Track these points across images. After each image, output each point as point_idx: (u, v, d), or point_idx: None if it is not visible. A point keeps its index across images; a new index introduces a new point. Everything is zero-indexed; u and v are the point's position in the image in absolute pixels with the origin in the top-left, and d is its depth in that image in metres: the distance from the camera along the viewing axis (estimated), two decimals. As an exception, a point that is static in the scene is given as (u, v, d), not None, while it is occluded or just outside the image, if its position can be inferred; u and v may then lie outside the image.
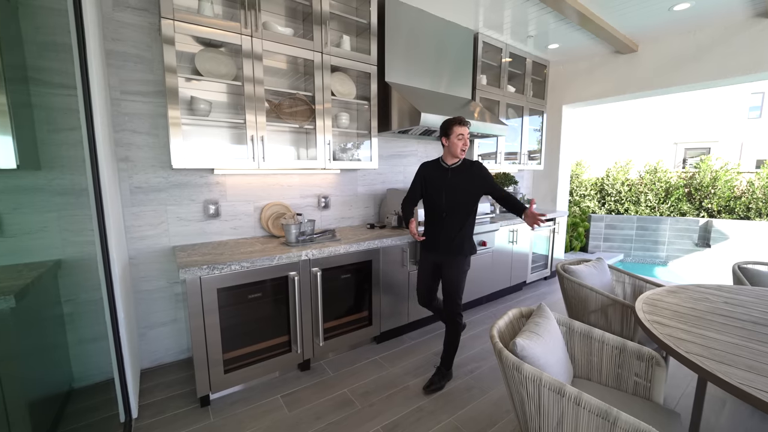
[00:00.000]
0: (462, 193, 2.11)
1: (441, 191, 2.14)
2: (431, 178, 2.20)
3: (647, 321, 1.56)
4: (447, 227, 2.15)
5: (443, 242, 2.16)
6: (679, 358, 1.29)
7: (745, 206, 6.68)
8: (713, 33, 3.40)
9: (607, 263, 2.40)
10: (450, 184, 2.13)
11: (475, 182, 2.12)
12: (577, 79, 4.42)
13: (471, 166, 2.15)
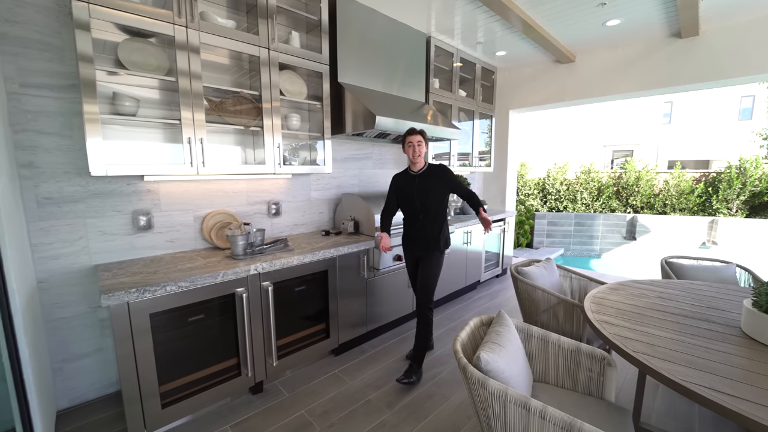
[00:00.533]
0: (431, 195, 2.32)
1: (413, 196, 2.36)
2: (402, 186, 2.42)
3: (596, 321, 1.64)
4: (423, 227, 2.36)
5: (421, 241, 2.37)
6: (629, 358, 1.35)
7: (663, 202, 7.57)
8: (638, 49, 3.75)
9: (555, 263, 2.52)
10: (420, 189, 2.34)
11: (441, 183, 2.33)
12: (523, 86, 4.64)
13: (436, 170, 2.36)
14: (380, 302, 2.84)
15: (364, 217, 2.85)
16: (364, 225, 2.85)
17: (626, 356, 1.36)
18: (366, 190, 3.46)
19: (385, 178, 3.68)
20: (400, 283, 2.98)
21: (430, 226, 2.34)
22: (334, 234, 2.88)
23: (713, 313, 1.75)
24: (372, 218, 2.77)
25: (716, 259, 2.62)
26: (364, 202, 2.84)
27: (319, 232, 2.99)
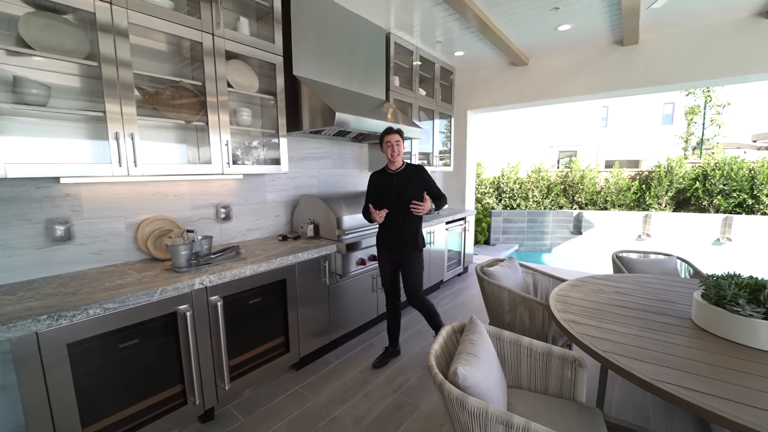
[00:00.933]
0: (409, 194, 2.33)
1: (390, 195, 2.36)
2: (380, 184, 2.43)
3: (564, 321, 1.64)
4: (401, 228, 2.37)
5: (399, 241, 2.38)
6: (599, 358, 1.34)
7: (604, 199, 8.18)
8: (586, 54, 3.95)
9: (517, 262, 2.54)
10: (398, 188, 2.35)
11: (418, 182, 2.36)
12: (480, 87, 4.72)
13: (414, 169, 2.40)
14: (344, 309, 2.69)
15: (324, 220, 2.69)
16: (325, 228, 2.69)
17: (596, 356, 1.36)
18: (326, 191, 3.29)
19: (347, 179, 3.53)
20: (364, 287, 2.85)
21: (409, 225, 2.37)
22: (292, 239, 2.68)
23: (665, 305, 1.83)
24: (333, 221, 2.61)
25: (659, 252, 2.81)
26: (325, 203, 2.68)
27: (276, 237, 2.77)
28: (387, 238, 2.42)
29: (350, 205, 2.84)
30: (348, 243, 2.53)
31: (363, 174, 3.74)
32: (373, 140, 3.45)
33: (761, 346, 1.38)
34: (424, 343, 2.84)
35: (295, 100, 2.57)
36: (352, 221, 2.74)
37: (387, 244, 2.42)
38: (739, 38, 3.23)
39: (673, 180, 7.60)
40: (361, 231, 2.80)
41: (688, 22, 3.31)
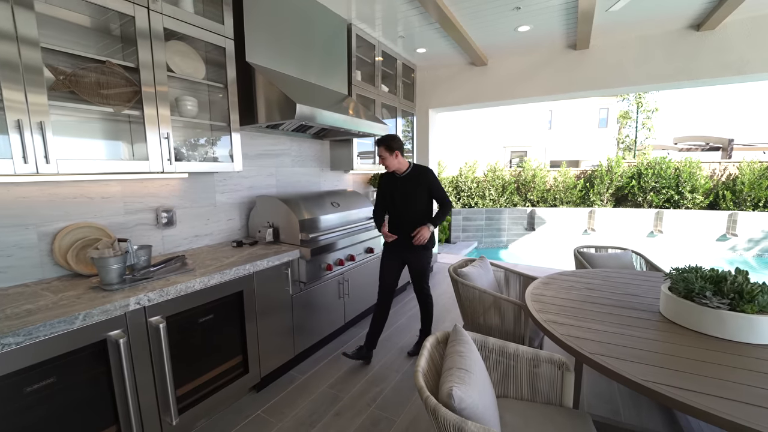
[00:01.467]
0: (413, 196, 2.38)
1: (395, 198, 2.42)
2: (387, 187, 2.47)
3: (544, 322, 1.59)
4: (407, 228, 2.39)
5: (407, 241, 2.39)
6: (586, 360, 1.30)
7: (553, 196, 8.67)
8: (542, 57, 4.08)
9: (488, 261, 2.50)
10: (402, 191, 2.40)
11: (423, 185, 2.38)
12: (441, 85, 4.71)
13: (418, 171, 2.41)
14: (310, 319, 2.48)
15: (285, 223, 2.45)
16: (286, 232, 2.45)
17: (583, 359, 1.31)
18: (286, 191, 3.04)
19: (308, 178, 3.30)
20: (330, 294, 2.66)
21: (413, 226, 2.37)
22: (249, 244, 2.41)
23: (633, 299, 1.86)
24: (295, 224, 2.39)
25: (616, 246, 2.94)
26: (285, 205, 2.44)
27: (229, 243, 2.48)
28: (398, 241, 2.44)
29: (313, 206, 2.63)
30: (313, 248, 2.33)
31: (325, 173, 3.53)
32: (335, 137, 3.26)
33: (728, 336, 1.43)
34: (396, 347, 2.71)
35: (249, 91, 2.31)
36: (317, 223, 2.54)
37: (397, 245, 2.45)
38: (673, 48, 3.50)
39: (613, 178, 8.25)
40: (327, 234, 2.61)
41: (630, 31, 3.53)
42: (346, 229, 2.80)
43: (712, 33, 3.35)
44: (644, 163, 8.16)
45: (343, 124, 2.59)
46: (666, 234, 7.62)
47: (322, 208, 2.68)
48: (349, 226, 2.81)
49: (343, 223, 2.81)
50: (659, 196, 7.94)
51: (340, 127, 2.58)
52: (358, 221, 3.00)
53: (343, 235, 2.70)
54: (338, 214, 2.79)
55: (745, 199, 7.43)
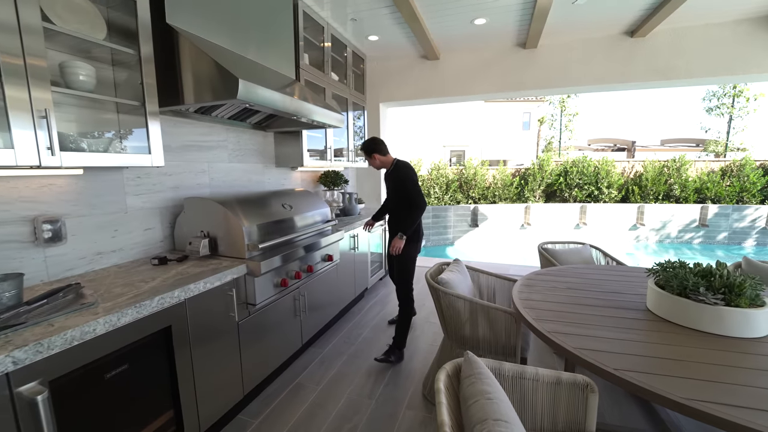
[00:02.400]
0: (393, 191, 2.56)
1: (388, 191, 2.63)
2: (386, 182, 2.64)
3: (549, 333, 1.41)
4: (392, 222, 2.56)
5: (392, 234, 2.51)
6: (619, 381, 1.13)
7: (493, 193, 9.07)
8: (492, 54, 4.06)
9: (464, 264, 2.31)
10: (388, 186, 2.61)
11: (397, 182, 2.49)
12: (392, 79, 4.47)
13: (397, 167, 2.52)
14: (261, 347, 2.03)
15: (224, 232, 1.96)
16: (227, 242, 1.97)
17: (609, 377, 1.15)
18: (222, 191, 2.51)
19: (249, 176, 2.80)
20: (285, 313, 2.23)
21: (395, 219, 2.53)
22: (176, 261, 1.88)
23: (617, 297, 1.81)
24: (239, 232, 1.92)
25: (575, 241, 2.98)
26: (224, 208, 1.96)
27: (149, 260, 1.91)
28: (388, 229, 2.70)
29: (260, 209, 2.18)
30: (264, 261, 1.88)
31: (269, 171, 3.04)
32: (281, 127, 2.81)
33: (725, 332, 1.39)
34: (364, 367, 2.38)
35: (171, 62, 1.79)
36: (267, 230, 2.09)
37: (390, 237, 2.57)
38: (611, 52, 3.72)
39: (544, 176, 8.90)
40: (280, 242, 2.17)
41: (575, 33, 3.66)
42: (301, 235, 2.39)
43: (643, 40, 3.61)
44: (569, 162, 8.93)
45: (296, 110, 2.18)
46: (589, 225, 8.43)
47: (271, 211, 2.23)
48: (305, 232, 2.40)
49: (297, 228, 2.39)
50: (582, 191, 8.76)
51: (291, 113, 2.16)
52: (314, 225, 2.60)
53: (299, 243, 2.29)
54: (291, 217, 2.36)
55: (648, 193, 8.54)
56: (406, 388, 2.18)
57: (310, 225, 2.56)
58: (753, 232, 8.00)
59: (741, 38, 3.39)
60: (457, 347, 1.94)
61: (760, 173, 8.15)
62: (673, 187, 8.39)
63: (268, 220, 2.14)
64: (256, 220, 2.04)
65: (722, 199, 8.25)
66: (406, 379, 2.28)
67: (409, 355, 2.55)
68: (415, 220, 2.36)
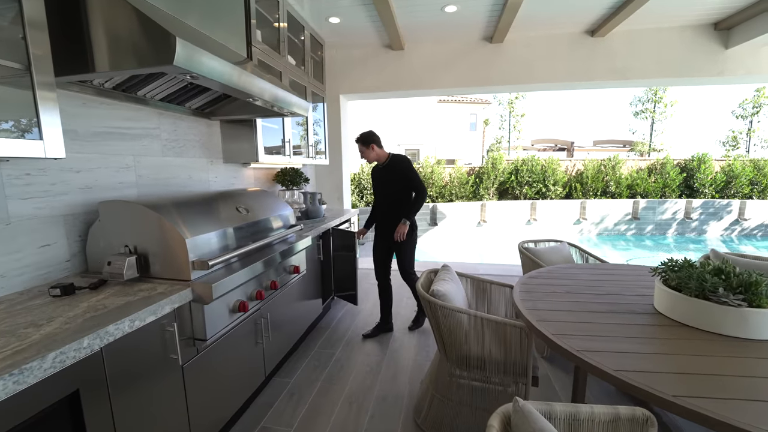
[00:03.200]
0: (393, 185, 2.55)
1: (379, 187, 2.65)
2: (375, 179, 2.68)
3: (578, 352, 1.21)
4: (390, 217, 2.58)
5: (390, 228, 2.58)
6: (682, 411, 0.93)
7: (450, 191, 9.12)
8: (459, 48, 3.90)
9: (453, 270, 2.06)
10: (383, 180, 2.60)
11: (398, 174, 2.52)
12: (353, 69, 4.13)
13: (396, 161, 2.55)
14: (216, 389, 1.59)
15: (159, 246, 1.48)
16: (164, 260, 1.49)
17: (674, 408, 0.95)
18: (155, 192, 1.99)
19: (189, 173, 2.29)
20: (245, 341, 1.80)
21: (396, 214, 2.55)
22: (89, 288, 1.37)
23: (622, 300, 1.69)
24: (181, 245, 1.45)
25: (552, 239, 2.90)
26: (158, 214, 1.48)
27: (46, 290, 1.37)
28: (380, 226, 2.68)
29: (208, 214, 1.72)
30: (216, 282, 1.45)
31: (216, 168, 2.54)
32: (230, 114, 2.34)
33: (749, 335, 1.29)
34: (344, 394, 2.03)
35: (75, 11, 1.28)
36: (218, 241, 1.65)
37: (380, 231, 2.69)
38: (573, 50, 3.75)
39: (498, 174, 9.15)
40: (236, 256, 1.73)
41: (540, 29, 3.64)
42: (262, 245, 1.96)
43: (602, 40, 3.69)
44: (519, 161, 9.29)
45: (254, 90, 1.75)
46: (539, 221, 8.83)
47: (222, 216, 1.78)
48: (266, 240, 1.97)
49: (256, 237, 1.96)
50: (532, 188, 9.16)
51: (246, 92, 1.74)
52: (276, 231, 2.18)
53: (260, 255, 1.87)
54: (248, 223, 1.93)
55: (589, 189, 9.18)
56: (395, 417, 1.88)
57: (272, 232, 2.14)
58: (674, 223, 8.99)
59: (686, 44, 3.60)
60: (457, 368, 1.68)
61: (678, 171, 9.19)
62: (609, 184, 9.13)
63: (220, 228, 1.69)
64: (202, 228, 1.58)
65: (649, 194, 9.15)
66: (393, 405, 1.97)
67: (390, 375, 2.25)
68: (419, 207, 2.57)
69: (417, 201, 2.53)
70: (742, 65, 3.53)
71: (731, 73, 3.55)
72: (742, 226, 8.87)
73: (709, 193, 9.14)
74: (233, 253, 1.61)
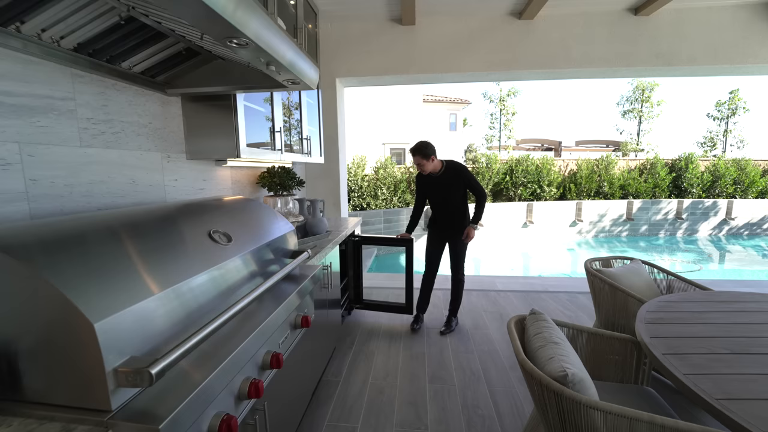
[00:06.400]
0: (452, 190, 2.64)
1: (435, 195, 2.73)
2: (428, 185, 2.73)
3: None
4: (452, 219, 2.70)
5: (451, 228, 2.71)
6: None
7: (442, 194, 8.57)
8: (482, 24, 3.26)
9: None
10: (440, 188, 2.67)
11: (459, 182, 2.63)
12: (352, 48, 3.39)
13: (453, 169, 2.64)
14: None
15: (40, 338, 0.69)
16: (54, 369, 0.69)
17: None
18: (61, 207, 1.17)
19: (133, 173, 1.48)
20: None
21: (454, 214, 2.68)
22: None
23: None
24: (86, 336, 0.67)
25: (622, 257, 2.32)
26: (29, 268, 0.69)
27: None
28: (441, 224, 2.75)
29: (153, 257, 0.94)
30: (167, 419, 0.67)
31: (176, 166, 1.74)
32: (195, 86, 1.56)
33: None
34: None
35: None
36: (172, 312, 0.87)
37: (437, 227, 2.78)
38: (613, 30, 3.21)
39: (492, 175, 8.67)
40: (214, 327, 0.95)
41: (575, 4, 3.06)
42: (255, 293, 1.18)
43: (647, 19, 3.17)
44: (514, 161, 8.87)
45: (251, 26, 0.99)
46: (536, 224, 8.43)
47: (183, 255, 1.00)
48: (261, 287, 1.19)
49: (246, 282, 1.19)
50: (527, 189, 8.76)
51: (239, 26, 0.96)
52: (276, 265, 1.41)
53: (252, 317, 1.10)
54: (232, 261, 1.15)
55: (583, 190, 8.90)
56: None
57: (270, 267, 1.37)
58: (666, 223, 8.89)
59: (740, 25, 3.15)
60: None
61: (667, 171, 9.12)
62: (603, 185, 8.90)
63: (177, 281, 0.91)
64: (138, 290, 0.80)
65: (641, 194, 9.01)
66: None
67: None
68: (484, 209, 2.68)
69: (481, 203, 2.65)
70: (799, 52, 3.12)
71: (787, 60, 3.13)
72: (729, 225, 8.90)
73: (697, 192, 9.13)
74: (203, 331, 0.83)
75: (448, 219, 2.71)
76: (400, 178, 8.30)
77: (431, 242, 2.86)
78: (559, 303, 3.34)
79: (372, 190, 8.06)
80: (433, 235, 2.85)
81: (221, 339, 0.94)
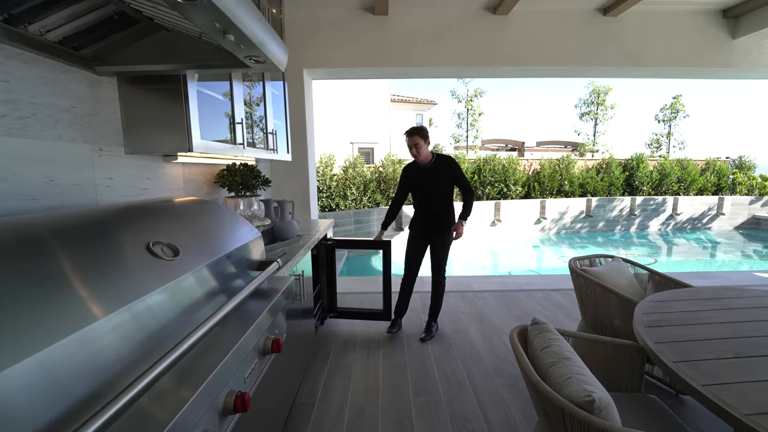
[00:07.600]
0: (439, 184, 2.53)
1: (421, 186, 2.58)
2: (413, 177, 2.61)
3: None
4: (437, 214, 2.58)
5: (435, 224, 2.59)
6: None
7: (413, 193, 8.49)
8: (457, 17, 3.17)
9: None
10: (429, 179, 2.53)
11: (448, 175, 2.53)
12: (320, 36, 3.16)
13: (442, 161, 2.55)
14: None
15: None
16: None
17: None
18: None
19: (51, 172, 1.17)
20: None
21: (440, 210, 2.57)
22: None
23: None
24: None
25: (602, 255, 2.29)
26: None
27: None
28: (425, 222, 2.61)
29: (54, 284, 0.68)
30: None
31: (111, 162, 1.44)
32: (135, 64, 1.28)
33: None
34: None
35: None
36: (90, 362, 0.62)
37: (424, 227, 2.62)
38: (584, 29, 3.24)
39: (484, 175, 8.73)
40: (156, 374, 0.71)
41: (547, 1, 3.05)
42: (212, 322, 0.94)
43: (615, 20, 3.22)
44: (482, 160, 8.99)
45: None
46: (503, 222, 8.60)
47: (100, 278, 0.75)
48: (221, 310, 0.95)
49: (201, 306, 0.95)
50: (494, 188, 8.91)
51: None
52: (239, 279, 1.17)
53: (213, 352, 0.87)
54: (184, 282, 0.91)
55: (546, 188, 9.21)
56: None
57: (233, 283, 1.13)
58: (621, 219, 9.44)
59: (697, 30, 3.29)
60: None
61: (621, 170, 9.69)
62: (564, 183, 9.28)
63: (84, 323, 0.66)
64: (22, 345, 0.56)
65: (598, 192, 9.50)
66: None
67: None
68: (472, 207, 2.60)
69: (471, 200, 2.57)
70: (748, 58, 3.32)
71: (737, 64, 3.33)
72: (675, 220, 9.62)
73: (647, 190, 9.77)
74: (138, 383, 0.59)
75: (433, 216, 2.59)
76: (370, 178, 8.12)
77: (412, 243, 2.71)
78: (536, 302, 3.31)
79: (341, 190, 7.81)
80: (414, 235, 2.71)
81: (171, 385, 0.71)
